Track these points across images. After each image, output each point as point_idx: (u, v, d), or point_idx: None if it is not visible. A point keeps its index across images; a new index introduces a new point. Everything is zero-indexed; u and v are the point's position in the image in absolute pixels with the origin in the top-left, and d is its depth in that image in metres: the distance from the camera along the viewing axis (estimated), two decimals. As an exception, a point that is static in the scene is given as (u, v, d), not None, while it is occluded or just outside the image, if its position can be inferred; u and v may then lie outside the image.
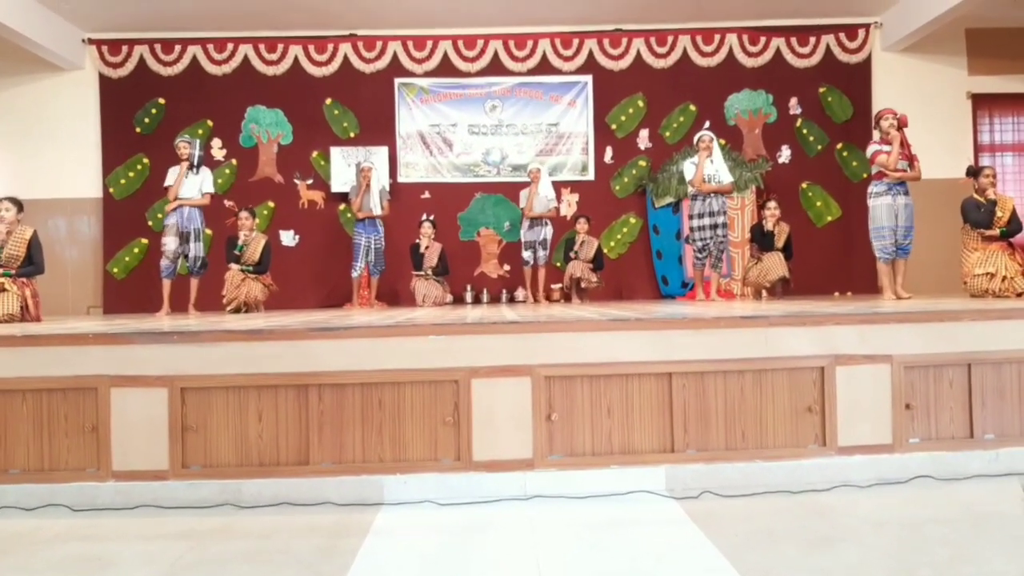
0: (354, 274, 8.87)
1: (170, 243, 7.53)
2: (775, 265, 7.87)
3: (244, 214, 8.01)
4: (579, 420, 3.80)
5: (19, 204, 6.48)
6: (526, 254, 8.89)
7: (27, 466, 3.70)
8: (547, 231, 8.85)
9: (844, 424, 3.84)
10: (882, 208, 6.64)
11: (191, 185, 7.64)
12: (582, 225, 9.01)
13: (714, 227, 7.38)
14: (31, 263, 6.46)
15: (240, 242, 7.86)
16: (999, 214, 6.60)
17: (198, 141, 7.85)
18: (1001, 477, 3.77)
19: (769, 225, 8.06)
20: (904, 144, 6.61)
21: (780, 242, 8.02)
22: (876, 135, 6.84)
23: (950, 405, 3.96)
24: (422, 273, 8.87)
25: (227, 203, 9.99)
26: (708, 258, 7.47)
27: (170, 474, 3.65)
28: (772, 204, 8.13)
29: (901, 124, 6.65)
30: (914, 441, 3.90)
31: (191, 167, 7.62)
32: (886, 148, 6.63)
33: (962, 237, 6.80)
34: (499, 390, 3.73)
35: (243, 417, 3.72)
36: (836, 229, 10.27)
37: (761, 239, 8.08)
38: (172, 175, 7.69)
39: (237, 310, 7.58)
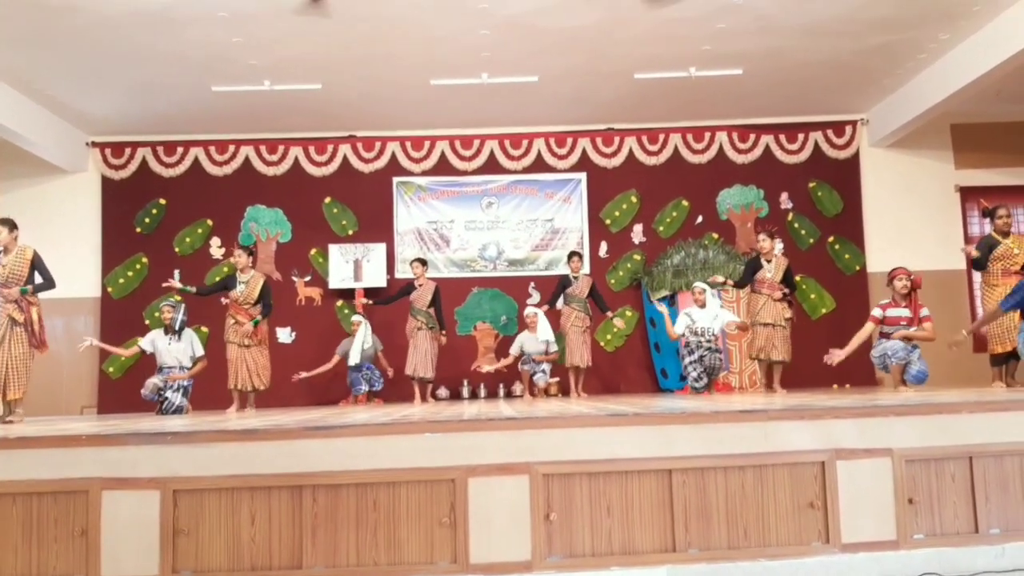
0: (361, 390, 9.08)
1: (157, 381, 7.46)
2: (777, 341, 7.70)
3: (239, 252, 7.86)
4: (578, 519, 3.73)
5: (11, 224, 6.53)
6: (525, 367, 8.83)
7: (15, 573, 3.60)
8: (546, 364, 8.85)
9: (847, 520, 3.78)
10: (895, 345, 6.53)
11: (176, 352, 7.50)
12: (575, 263, 9.06)
13: (710, 350, 7.65)
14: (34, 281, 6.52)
15: (238, 282, 7.75)
16: (1015, 251, 6.72)
17: (183, 306, 7.68)
18: (1008, 573, 3.69)
19: (765, 261, 7.85)
20: (915, 305, 6.55)
21: (778, 276, 7.78)
22: (889, 295, 6.78)
23: (953, 499, 3.91)
24: (418, 322, 8.90)
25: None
26: (707, 375, 7.68)
27: (160, 580, 3.57)
28: (762, 236, 7.95)
29: (915, 285, 6.56)
30: (919, 537, 3.82)
31: (173, 332, 7.50)
32: (878, 314, 6.64)
33: (983, 276, 6.98)
34: (497, 489, 3.68)
35: (236, 520, 3.65)
36: (831, 321, 10.30)
37: (754, 272, 7.90)
38: (147, 342, 7.63)
39: (243, 390, 7.66)
